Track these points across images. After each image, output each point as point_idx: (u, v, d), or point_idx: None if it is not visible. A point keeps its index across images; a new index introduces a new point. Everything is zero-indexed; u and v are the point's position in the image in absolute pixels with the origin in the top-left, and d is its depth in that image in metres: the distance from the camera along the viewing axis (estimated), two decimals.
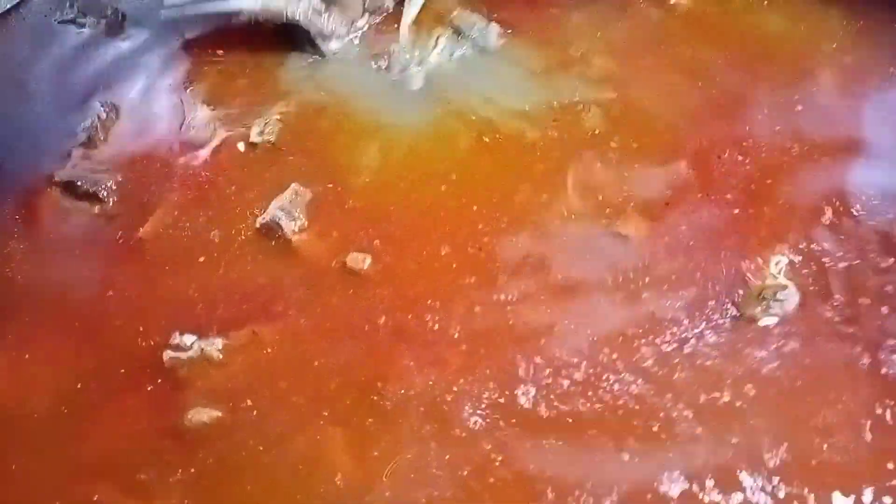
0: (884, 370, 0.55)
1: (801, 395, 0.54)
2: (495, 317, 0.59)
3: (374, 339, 0.58)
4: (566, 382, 0.55)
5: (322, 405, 0.56)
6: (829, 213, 0.61)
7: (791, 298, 0.57)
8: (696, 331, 0.57)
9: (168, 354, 0.57)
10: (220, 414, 0.55)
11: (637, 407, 0.54)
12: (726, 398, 0.54)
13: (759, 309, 0.57)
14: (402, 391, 0.56)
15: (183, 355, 0.57)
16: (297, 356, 0.58)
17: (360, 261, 0.61)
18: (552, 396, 0.55)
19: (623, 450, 0.53)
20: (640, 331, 0.57)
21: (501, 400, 0.55)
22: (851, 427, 0.52)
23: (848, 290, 0.58)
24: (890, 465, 0.51)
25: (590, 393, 0.55)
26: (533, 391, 0.55)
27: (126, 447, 0.55)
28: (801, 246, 0.60)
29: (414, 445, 0.54)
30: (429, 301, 0.60)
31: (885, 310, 0.57)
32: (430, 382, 0.56)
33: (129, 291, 0.61)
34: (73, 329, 0.60)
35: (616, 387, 0.55)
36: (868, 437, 0.52)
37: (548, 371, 0.56)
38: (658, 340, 0.57)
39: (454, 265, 0.61)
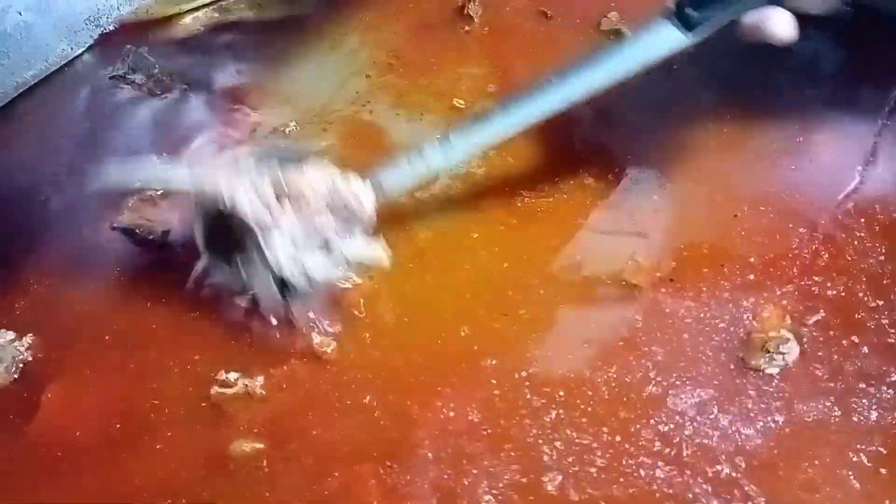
0: (855, 418, 0.57)
1: (780, 458, 0.56)
2: (515, 395, 0.59)
3: (370, 415, 0.59)
4: (593, 470, 0.56)
5: (353, 445, 0.58)
6: (825, 256, 0.64)
7: (793, 350, 0.60)
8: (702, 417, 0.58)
9: (214, 390, 0.60)
10: (261, 446, 0.59)
11: (670, 491, 0.55)
12: (726, 469, 0.56)
13: (763, 360, 0.59)
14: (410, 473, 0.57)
15: (228, 391, 0.60)
16: (333, 397, 0.60)
17: (326, 346, 0.62)
18: (584, 484, 0.56)
19: None
20: (646, 412, 0.58)
21: (524, 480, 0.56)
22: (833, 478, 0.55)
23: (839, 331, 0.60)
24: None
25: (621, 479, 0.56)
26: (560, 478, 0.56)
27: (174, 474, 0.58)
28: (799, 295, 0.62)
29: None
30: (438, 388, 0.60)
31: (865, 349, 0.60)
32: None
33: (177, 330, 0.64)
34: (125, 363, 0.63)
35: (642, 472, 0.56)
36: (856, 484, 0.54)
37: (572, 458, 0.57)
38: (664, 416, 0.58)
39: (475, 347, 0.62)
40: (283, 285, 0.60)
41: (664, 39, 0.62)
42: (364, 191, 0.62)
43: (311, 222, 0.60)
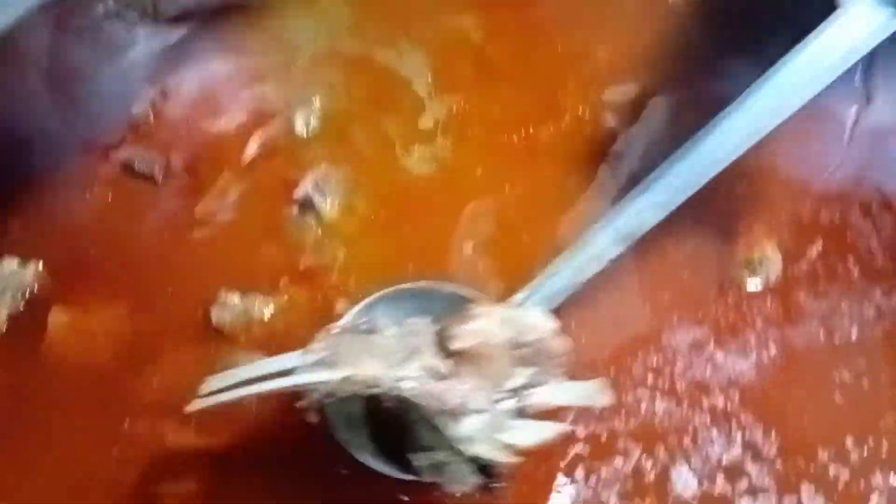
0: (836, 339, 0.59)
1: (773, 386, 0.59)
2: None
3: None
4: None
5: None
6: (814, 185, 0.64)
7: (776, 268, 0.61)
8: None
9: (215, 311, 0.62)
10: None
11: (668, 424, 0.58)
12: (721, 403, 0.58)
13: (745, 273, 0.61)
14: None
15: (227, 314, 0.62)
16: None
17: None
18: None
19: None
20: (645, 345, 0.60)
21: None
22: (820, 398, 0.58)
23: (828, 254, 0.62)
24: (868, 417, 0.57)
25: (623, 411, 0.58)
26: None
27: (180, 393, 0.57)
28: (787, 218, 0.63)
29: None
30: None
31: (855, 272, 0.62)
32: None
33: (180, 259, 0.66)
34: (131, 290, 0.64)
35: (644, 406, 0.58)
36: (840, 400, 0.58)
37: None
38: (656, 350, 0.60)
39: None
40: (482, 466, 0.46)
41: (878, 26, 0.47)
42: (545, 320, 0.48)
43: (499, 384, 0.46)
